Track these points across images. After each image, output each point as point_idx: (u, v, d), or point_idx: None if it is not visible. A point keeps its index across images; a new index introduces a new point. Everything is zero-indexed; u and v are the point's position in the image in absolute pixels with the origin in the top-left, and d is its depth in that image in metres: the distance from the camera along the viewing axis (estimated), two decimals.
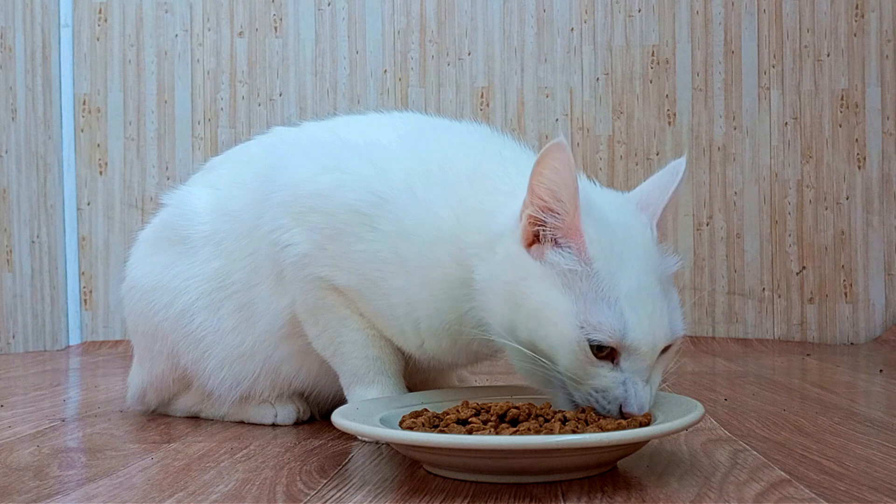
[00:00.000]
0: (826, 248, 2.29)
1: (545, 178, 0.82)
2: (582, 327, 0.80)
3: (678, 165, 0.91)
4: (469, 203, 0.92)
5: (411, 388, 1.06)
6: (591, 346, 0.80)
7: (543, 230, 0.83)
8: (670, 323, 0.84)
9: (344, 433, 0.99)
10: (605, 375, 0.82)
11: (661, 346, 0.83)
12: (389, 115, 1.12)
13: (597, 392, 0.82)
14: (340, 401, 1.05)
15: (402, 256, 0.94)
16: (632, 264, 0.83)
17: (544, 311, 0.82)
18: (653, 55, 2.34)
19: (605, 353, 0.81)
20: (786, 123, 2.30)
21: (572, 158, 0.81)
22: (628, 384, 0.82)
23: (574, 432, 0.79)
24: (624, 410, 0.81)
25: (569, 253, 0.82)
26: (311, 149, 1.03)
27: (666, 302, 0.84)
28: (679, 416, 0.80)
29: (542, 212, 0.83)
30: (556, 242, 0.83)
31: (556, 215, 0.83)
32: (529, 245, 0.84)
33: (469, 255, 0.89)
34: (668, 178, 0.91)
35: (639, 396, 0.82)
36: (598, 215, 0.84)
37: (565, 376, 0.83)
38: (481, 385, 1.27)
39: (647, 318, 0.81)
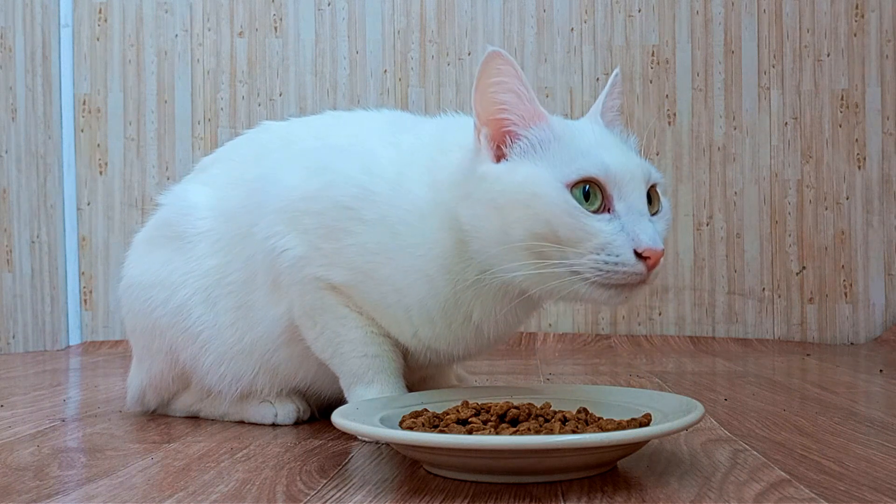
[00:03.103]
0: (826, 248, 2.29)
1: (496, 85, 0.88)
2: (565, 184, 0.83)
3: (614, 73, 1.00)
4: (441, 174, 0.96)
5: (410, 387, 1.06)
6: (581, 201, 0.83)
7: (509, 129, 0.88)
8: (642, 162, 0.89)
9: (344, 433, 0.99)
10: (604, 229, 0.82)
11: (644, 178, 0.87)
12: (378, 111, 1.13)
13: (601, 251, 0.82)
14: (340, 399, 1.05)
15: (384, 245, 0.96)
16: (589, 128, 0.91)
17: (526, 186, 0.85)
18: (653, 55, 2.34)
19: (598, 206, 0.84)
20: (786, 123, 2.30)
21: (512, 59, 0.86)
22: (627, 225, 0.83)
23: (574, 432, 0.79)
24: (639, 249, 0.81)
25: (535, 132, 0.88)
26: (299, 156, 1.05)
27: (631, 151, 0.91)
28: (679, 416, 0.80)
29: (504, 113, 0.88)
30: (523, 134, 0.88)
31: (518, 109, 0.88)
32: (498, 161, 0.89)
33: (453, 213, 0.92)
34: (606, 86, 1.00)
35: (647, 229, 0.83)
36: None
37: (569, 248, 0.83)
38: (481, 385, 1.27)
39: (619, 153, 0.87)
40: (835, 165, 2.29)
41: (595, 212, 0.83)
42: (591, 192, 0.84)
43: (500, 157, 0.89)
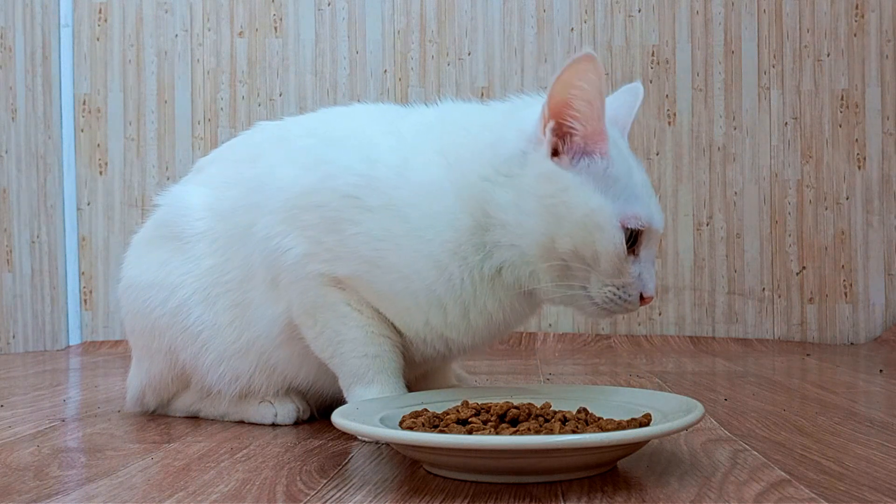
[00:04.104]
0: (826, 248, 2.29)
1: (578, 89, 0.89)
2: (622, 224, 0.89)
3: (636, 88, 1.02)
4: (461, 151, 0.96)
5: (408, 384, 1.06)
6: (625, 241, 0.90)
7: (572, 137, 0.90)
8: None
9: (344, 433, 0.99)
10: (632, 273, 0.91)
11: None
12: (372, 104, 1.13)
13: (619, 289, 0.91)
14: (340, 399, 1.05)
15: (391, 231, 0.96)
16: (632, 161, 0.94)
17: (593, 216, 0.89)
18: (653, 55, 2.34)
19: (629, 247, 0.90)
20: (786, 123, 2.30)
21: (602, 69, 0.88)
22: (643, 273, 0.92)
23: (574, 432, 0.79)
24: (646, 295, 0.93)
25: (598, 157, 0.90)
26: (295, 153, 1.05)
27: None
28: (679, 416, 0.80)
29: (573, 120, 0.90)
30: (583, 149, 0.90)
31: (587, 122, 0.90)
32: (552, 157, 0.91)
33: (480, 193, 0.93)
34: (629, 97, 1.01)
35: (653, 278, 0.94)
36: None
37: (599, 279, 0.91)
38: (481, 385, 1.27)
39: (658, 206, 0.94)
40: (835, 165, 2.29)
41: (628, 253, 0.91)
42: (633, 237, 0.91)
43: (555, 151, 0.91)
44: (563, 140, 0.91)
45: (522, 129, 0.93)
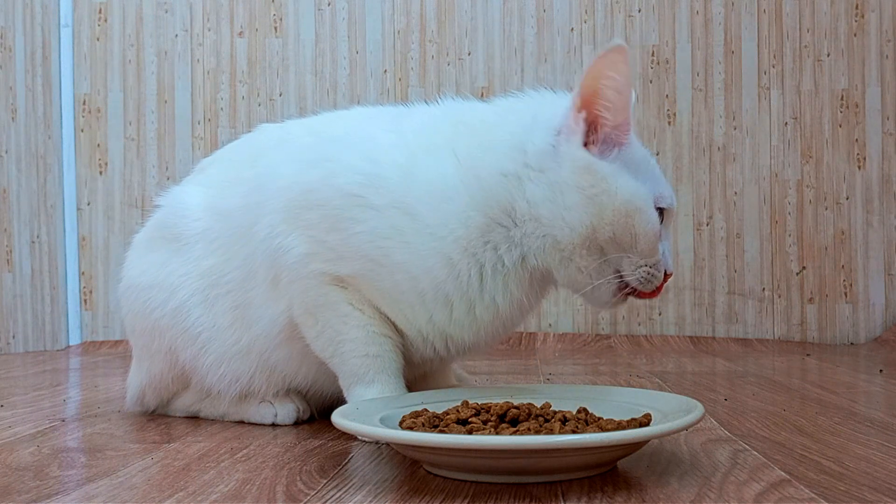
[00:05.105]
0: (826, 248, 2.29)
1: (609, 79, 0.90)
2: (656, 205, 0.93)
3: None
4: (467, 150, 0.97)
5: (409, 384, 1.06)
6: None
7: (602, 127, 0.92)
8: None
9: (344, 433, 0.99)
10: (661, 251, 0.94)
11: None
12: (373, 106, 1.13)
13: (652, 268, 0.94)
14: (340, 399, 1.05)
15: (398, 229, 0.95)
16: (645, 149, 0.97)
17: (634, 201, 0.91)
18: (653, 55, 2.34)
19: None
20: (786, 123, 2.30)
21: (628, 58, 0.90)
22: (666, 250, 0.96)
23: (574, 432, 0.79)
24: (668, 272, 0.96)
25: (626, 145, 0.93)
26: (296, 152, 1.05)
27: None
28: (679, 416, 0.80)
29: (604, 109, 0.92)
30: (613, 139, 0.92)
31: (617, 112, 0.91)
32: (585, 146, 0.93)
33: (498, 190, 0.94)
34: None
35: (670, 255, 0.97)
36: None
37: (633, 261, 0.92)
38: (481, 385, 1.27)
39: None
40: (835, 165, 2.29)
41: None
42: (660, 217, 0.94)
43: (587, 142, 0.93)
44: (593, 130, 0.92)
45: (548, 124, 0.94)
